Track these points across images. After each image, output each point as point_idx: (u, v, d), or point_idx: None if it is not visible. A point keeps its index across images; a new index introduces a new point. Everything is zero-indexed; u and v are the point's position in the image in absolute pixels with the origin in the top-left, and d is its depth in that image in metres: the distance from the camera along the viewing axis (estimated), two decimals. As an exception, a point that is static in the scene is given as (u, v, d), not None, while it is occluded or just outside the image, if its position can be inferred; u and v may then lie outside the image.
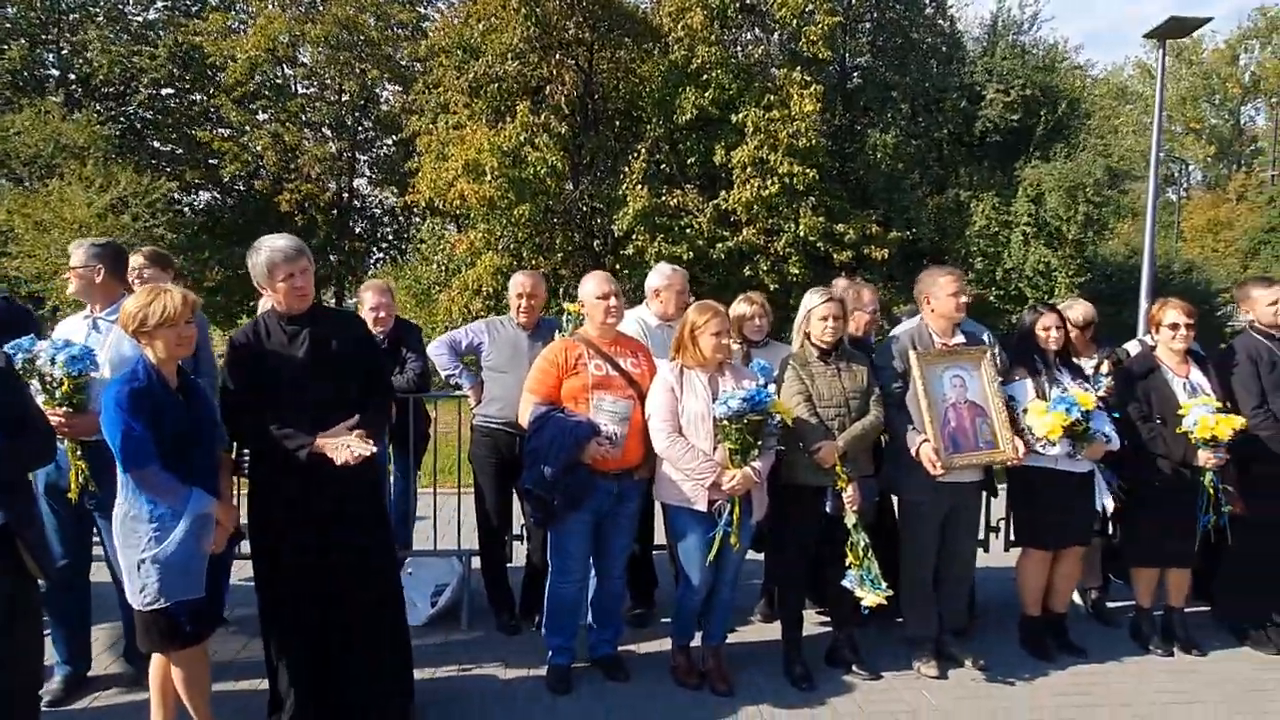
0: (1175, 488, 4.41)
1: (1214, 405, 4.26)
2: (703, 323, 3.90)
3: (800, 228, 15.17)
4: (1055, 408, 4.15)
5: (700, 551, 3.92)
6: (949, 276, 4.31)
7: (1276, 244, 29.40)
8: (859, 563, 3.99)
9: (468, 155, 14.41)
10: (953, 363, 4.27)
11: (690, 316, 3.97)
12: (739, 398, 3.73)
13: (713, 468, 3.83)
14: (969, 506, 4.33)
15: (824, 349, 4.16)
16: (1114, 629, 4.93)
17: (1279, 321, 4.61)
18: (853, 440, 4.00)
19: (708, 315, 3.91)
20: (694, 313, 3.97)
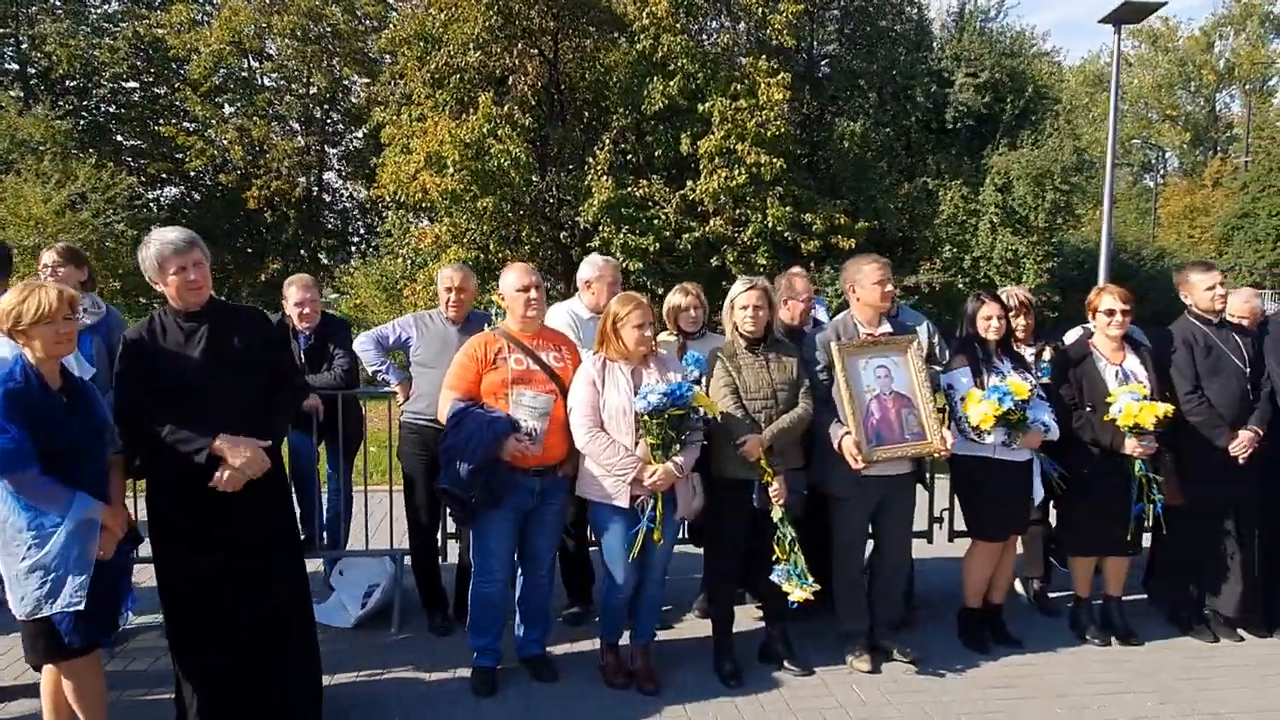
0: (1107, 476, 4.36)
1: (1140, 392, 4.21)
2: (625, 314, 3.81)
3: (768, 218, 15.09)
4: (989, 397, 4.08)
5: (623, 548, 3.84)
6: (874, 265, 4.23)
7: (1249, 229, 29.57)
8: (786, 557, 3.91)
9: (430, 147, 14.22)
10: (877, 353, 4.20)
11: (612, 308, 3.87)
12: (659, 392, 3.65)
13: (634, 463, 3.74)
14: (900, 499, 4.25)
15: (751, 339, 4.07)
16: (1055, 619, 4.89)
17: (1215, 307, 4.56)
18: (779, 433, 3.92)
19: (630, 307, 3.82)
20: (616, 304, 3.88)
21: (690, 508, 3.98)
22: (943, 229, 16.69)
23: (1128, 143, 45.66)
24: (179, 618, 3.32)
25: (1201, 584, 4.56)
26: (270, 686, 3.36)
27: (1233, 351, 4.53)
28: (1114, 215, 19.47)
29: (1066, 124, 17.16)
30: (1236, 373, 4.50)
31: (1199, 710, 3.84)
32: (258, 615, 3.32)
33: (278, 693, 3.37)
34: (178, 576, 3.31)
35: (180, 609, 3.31)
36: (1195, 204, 39.80)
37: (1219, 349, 4.51)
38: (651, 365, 3.91)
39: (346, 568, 4.97)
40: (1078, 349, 4.53)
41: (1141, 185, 46.88)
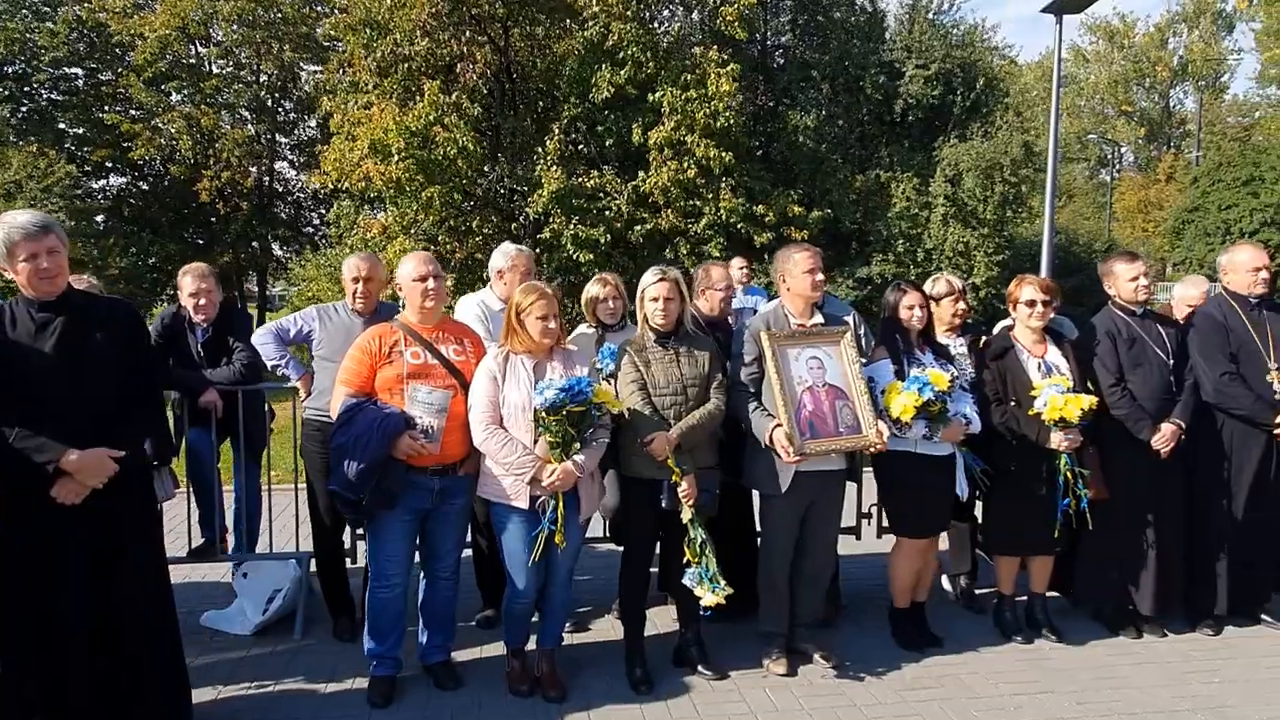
0: (1031, 471, 4.27)
1: (1064, 385, 4.12)
2: (528, 304, 3.64)
3: (720, 210, 14.95)
4: (909, 388, 3.96)
5: (523, 551, 3.67)
6: (804, 254, 4.09)
7: (1199, 223, 29.99)
8: (697, 560, 3.76)
9: (374, 135, 13.90)
10: (809, 344, 4.06)
11: (515, 298, 3.70)
12: (556, 387, 3.47)
13: (532, 462, 3.57)
14: (831, 497, 4.12)
15: (661, 333, 3.91)
16: (982, 616, 4.80)
17: (1139, 298, 4.48)
18: (688, 431, 3.76)
19: (533, 297, 3.64)
20: (520, 294, 3.70)
21: (595, 508, 3.82)
22: (895, 222, 16.69)
23: (1084, 138, 46.29)
24: (18, 624, 3.06)
25: (1123, 581, 4.47)
26: (110, 700, 3.13)
27: (1155, 343, 4.45)
28: (1071, 209, 19.59)
29: (1016, 117, 17.25)
30: (1159, 364, 4.43)
31: (1115, 711, 3.76)
32: (108, 628, 3.09)
33: (133, 709, 3.14)
34: (18, 579, 3.06)
35: (21, 615, 3.06)
36: (1149, 198, 40.40)
37: (1142, 340, 4.44)
38: (557, 359, 3.73)
39: (251, 571, 4.75)
40: (1000, 341, 4.43)
41: (1098, 180, 47.49)
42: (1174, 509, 4.44)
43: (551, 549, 3.67)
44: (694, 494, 3.75)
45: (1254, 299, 4.56)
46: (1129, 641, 4.46)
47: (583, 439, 3.59)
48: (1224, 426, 4.47)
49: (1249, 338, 4.50)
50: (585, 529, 3.91)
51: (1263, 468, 4.45)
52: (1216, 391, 4.41)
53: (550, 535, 3.61)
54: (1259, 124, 39.21)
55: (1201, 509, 4.51)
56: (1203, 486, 4.52)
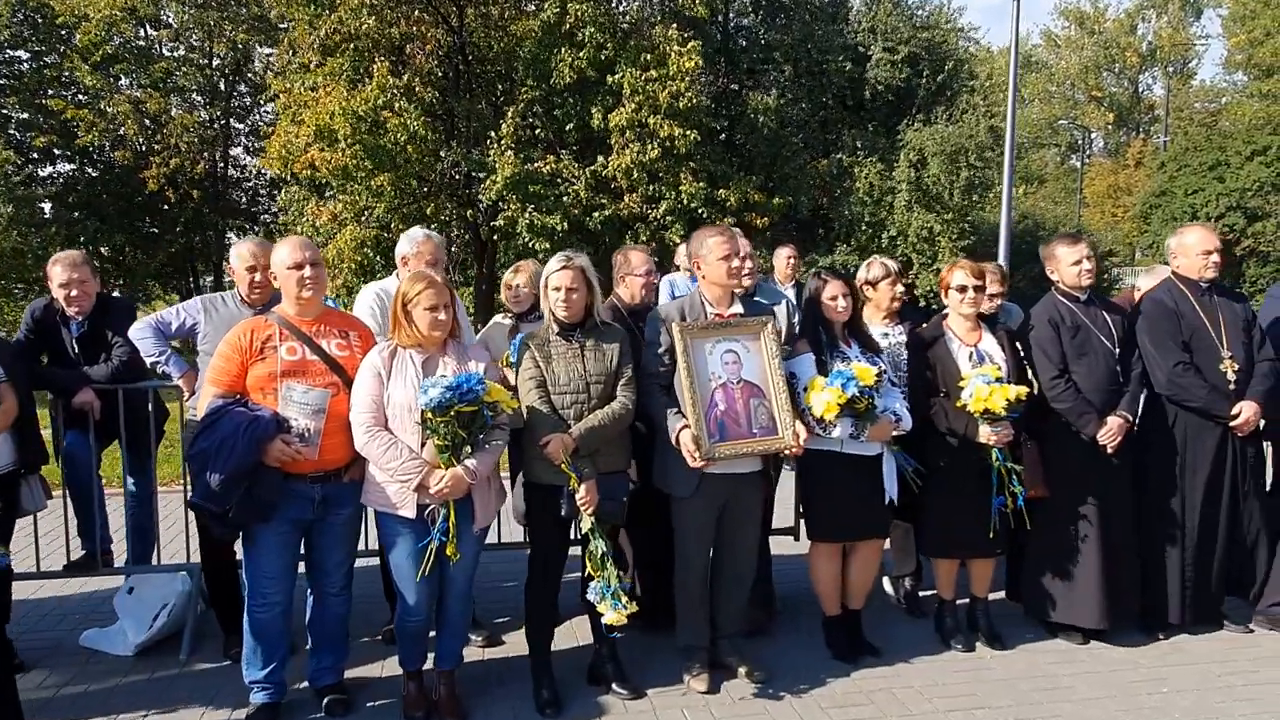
0: (964, 469, 4.00)
1: (992, 375, 3.84)
2: (415, 294, 3.30)
3: (681, 195, 14.64)
4: (831, 384, 3.67)
5: (412, 565, 3.34)
6: (719, 238, 3.77)
7: (1166, 208, 30.05)
8: (598, 573, 3.46)
9: (320, 120, 13.44)
10: (726, 336, 3.75)
11: (402, 287, 3.36)
12: (442, 385, 3.14)
13: (419, 467, 3.24)
14: (747, 498, 3.81)
15: (565, 324, 3.59)
16: (924, 621, 4.53)
17: (1082, 282, 4.21)
18: (587, 433, 3.45)
19: (421, 285, 3.31)
20: (406, 283, 3.36)
21: (493, 516, 3.50)
22: (858, 208, 16.45)
23: (1055, 123, 46.44)
24: None
25: (1066, 589, 4.20)
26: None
27: (1101, 331, 4.19)
28: (1041, 195, 19.36)
29: (983, 100, 17.04)
30: (1105, 354, 4.17)
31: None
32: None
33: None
34: None
35: None
36: (1118, 183, 40.60)
37: (1087, 328, 4.17)
38: (450, 354, 3.40)
39: (138, 585, 4.39)
40: (932, 329, 4.14)
41: (1069, 166, 47.67)
42: (1122, 509, 4.18)
43: (443, 562, 3.34)
44: (593, 501, 3.43)
45: (1204, 283, 4.31)
46: (1074, 648, 4.22)
47: (475, 442, 3.26)
48: (1176, 420, 4.22)
49: (1201, 324, 4.25)
50: (484, 537, 3.58)
51: (1217, 462, 4.21)
52: (1170, 383, 4.16)
53: (441, 547, 3.29)
54: (1225, 109, 39.50)
55: (1152, 508, 4.26)
56: (1154, 484, 4.27)
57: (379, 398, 3.28)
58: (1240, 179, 26.36)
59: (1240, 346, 4.25)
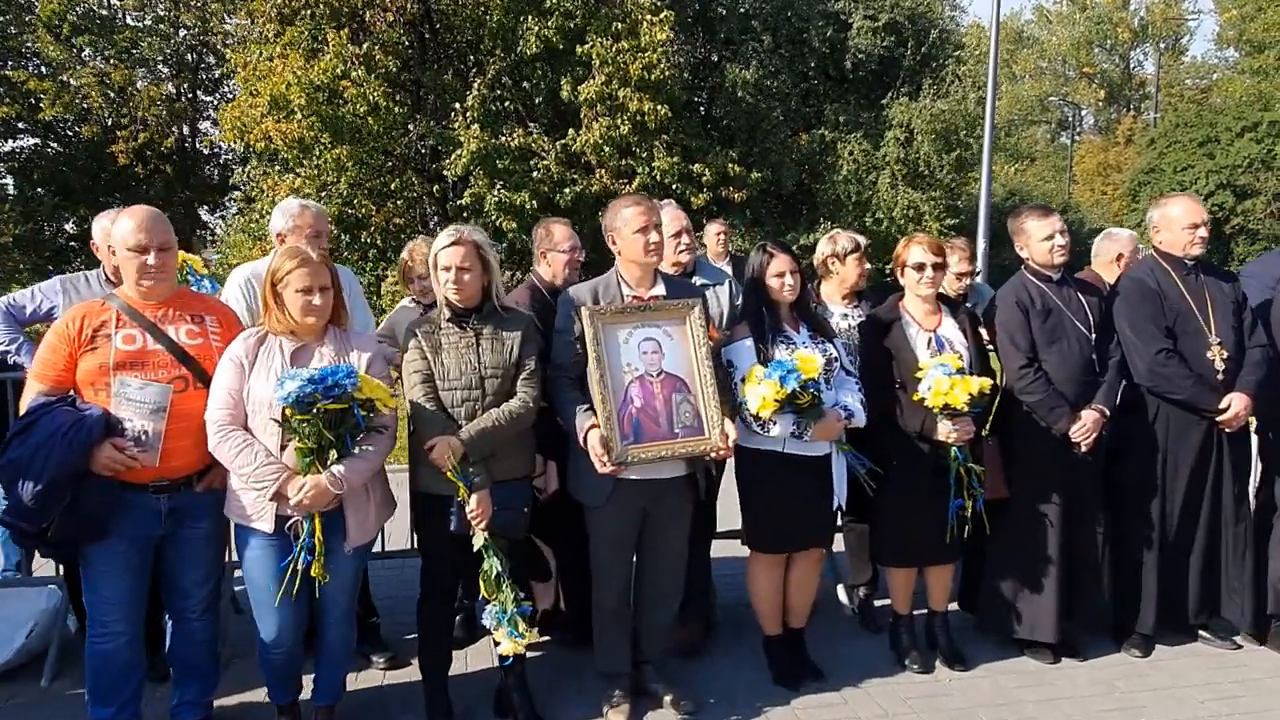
0: (921, 468, 3.55)
1: (953, 365, 3.39)
2: (286, 272, 2.83)
3: (655, 170, 14.11)
4: (768, 376, 3.20)
5: (270, 586, 2.88)
6: (635, 209, 3.28)
7: (1155, 185, 29.63)
8: (493, 596, 3.00)
9: (275, 90, 12.84)
10: (645, 321, 3.27)
11: (272, 264, 2.88)
12: (301, 378, 2.67)
13: (275, 473, 2.77)
14: (671, 505, 3.34)
15: (458, 309, 3.12)
16: (879, 636, 4.09)
17: (1055, 260, 3.76)
18: (479, 435, 2.98)
19: (293, 263, 2.83)
20: (277, 259, 2.89)
21: (373, 532, 3.03)
22: (842, 185, 15.93)
23: (1045, 100, 45.95)
24: None
25: (1025, 597, 3.77)
26: None
27: (1076, 314, 3.74)
28: (1031, 173, 18.83)
29: (970, 72, 16.50)
30: (1080, 339, 3.72)
31: (1015, 766, 3.08)
32: None
33: None
34: None
35: None
36: (1108, 161, 40.21)
37: (1059, 311, 3.72)
38: (328, 343, 2.93)
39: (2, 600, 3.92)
40: (887, 312, 3.67)
41: (1059, 143, 47.25)
42: (1091, 512, 3.75)
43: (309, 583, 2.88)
44: (486, 514, 2.98)
45: (1190, 261, 3.86)
46: (1043, 668, 3.79)
47: (344, 446, 2.79)
48: (1158, 413, 3.78)
49: (1186, 307, 3.81)
50: (366, 555, 3.11)
51: (1201, 461, 3.77)
52: (1151, 373, 3.72)
53: (306, 567, 2.82)
54: (1216, 85, 39.10)
55: (1129, 511, 3.83)
56: (1131, 485, 3.84)
57: (238, 392, 2.82)
58: (1230, 155, 25.97)
59: (1229, 331, 3.81)
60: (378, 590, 4.13)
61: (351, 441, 2.80)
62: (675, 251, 3.94)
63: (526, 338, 3.18)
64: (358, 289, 3.90)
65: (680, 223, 3.98)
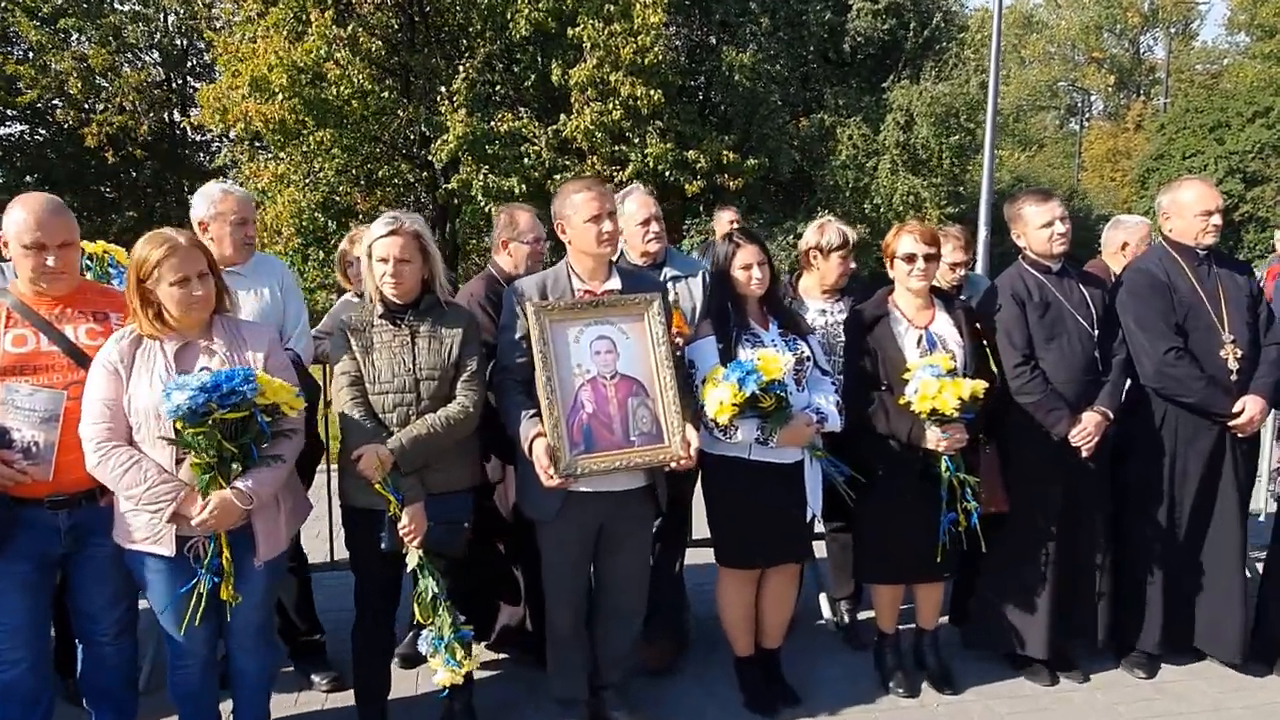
0: (908, 478, 3.25)
1: (943, 365, 3.08)
2: (155, 262, 2.50)
3: (648, 156, 13.76)
4: (727, 378, 2.90)
5: (175, 614, 2.59)
6: (586, 194, 2.96)
7: (1164, 171, 29.20)
8: (429, 620, 2.72)
9: (256, 71, 12.50)
10: (598, 318, 2.96)
11: (136, 254, 2.56)
12: (190, 387, 2.37)
13: (171, 492, 2.48)
14: (629, 518, 3.04)
15: (393, 305, 2.83)
16: (864, 654, 3.80)
17: (1054, 249, 3.44)
18: (411, 444, 2.69)
19: (160, 250, 2.51)
20: (141, 246, 2.56)
21: (284, 545, 2.73)
22: (841, 172, 15.56)
23: (1054, 85, 45.50)
24: None
25: (1022, 614, 3.48)
26: None
27: (1078, 308, 3.43)
28: (1040, 159, 18.37)
29: (973, 55, 16.09)
30: (1081, 335, 3.41)
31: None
32: None
33: None
34: None
35: None
36: (1117, 147, 39.80)
37: (1059, 304, 3.41)
38: (219, 339, 2.62)
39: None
40: (874, 307, 3.36)
41: (1068, 129, 46.80)
42: (1092, 520, 3.46)
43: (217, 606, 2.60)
44: (420, 530, 2.69)
45: (1202, 250, 3.54)
46: (1038, 691, 3.50)
47: (248, 457, 2.50)
48: (1165, 417, 3.47)
49: (1198, 301, 3.49)
50: (280, 568, 2.81)
51: (1211, 468, 3.46)
52: (1159, 374, 3.40)
53: (214, 590, 2.54)
54: (1227, 70, 38.61)
55: (1133, 522, 3.52)
56: (1136, 491, 3.53)
57: (116, 402, 2.51)
58: (1240, 141, 25.55)
59: (1244, 328, 3.49)
60: (324, 604, 3.84)
61: (256, 449, 2.50)
62: (643, 240, 3.64)
63: (468, 337, 2.88)
64: (291, 280, 3.60)
65: (649, 209, 3.67)
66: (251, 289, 3.42)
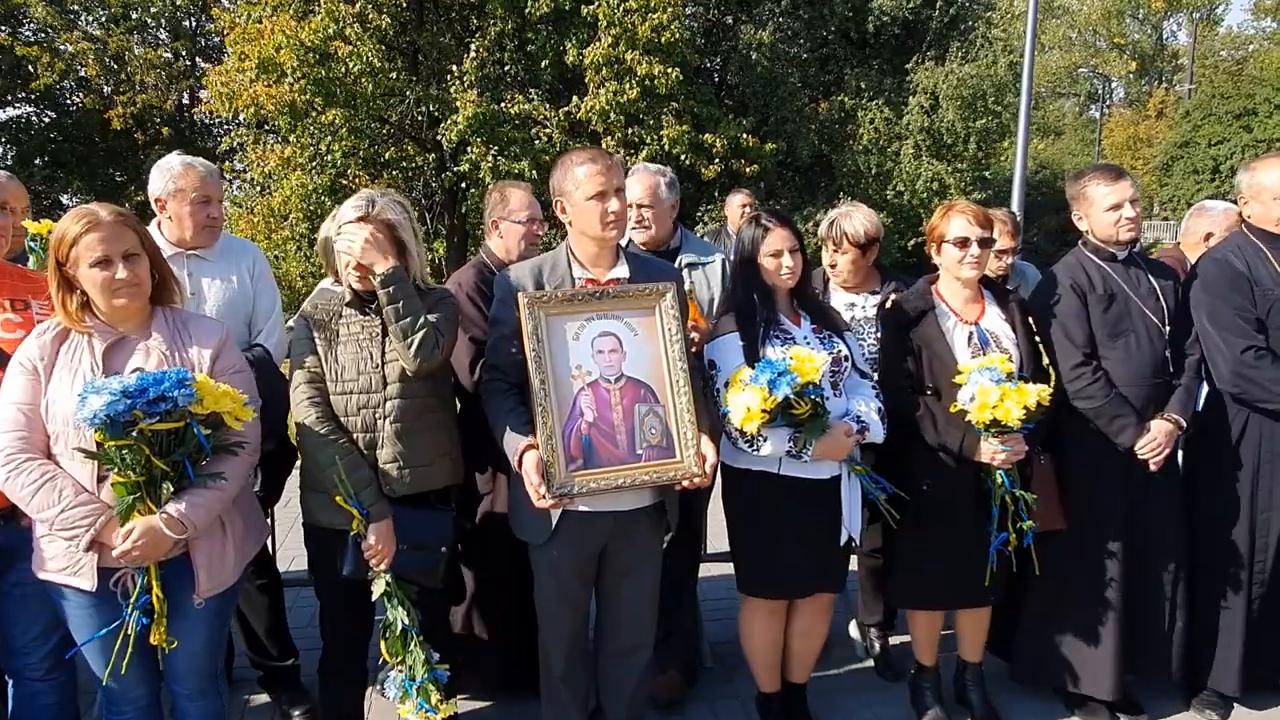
0: (956, 495, 2.85)
1: (1001, 368, 2.66)
2: (72, 240, 2.12)
3: (663, 139, 13.33)
4: (755, 380, 2.51)
5: (100, 653, 2.22)
6: (589, 166, 2.54)
7: (1188, 159, 28.49)
8: (395, 659, 2.34)
9: (264, 52, 12.14)
10: (601, 312, 2.55)
11: (56, 229, 2.17)
12: (111, 391, 1.99)
13: (89, 516, 2.10)
14: (635, 542, 2.63)
15: (362, 293, 2.44)
16: (897, 685, 3.42)
17: (1121, 235, 3.01)
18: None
19: (80, 226, 2.12)
20: (61, 224, 2.17)
21: (231, 577, 2.35)
22: (862, 157, 15.06)
23: (1075, 71, 44.77)
24: None
25: (1080, 646, 3.07)
26: None
27: (1147, 302, 3.00)
28: (1059, 147, 17.80)
29: (1001, 35, 15.51)
30: (1151, 332, 2.99)
31: None
32: None
33: None
34: None
35: None
36: (1139, 134, 39.12)
37: (1125, 297, 2.99)
38: (156, 334, 2.24)
39: None
40: (915, 300, 2.95)
41: (1088, 116, 46.03)
42: (1164, 546, 3.04)
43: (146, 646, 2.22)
44: (387, 552, 2.31)
45: (1288, 237, 3.11)
46: (1100, 734, 3.11)
47: (180, 475, 2.12)
48: (1246, 426, 3.04)
49: (1281, 295, 3.05)
50: (228, 603, 2.43)
51: (1296, 485, 3.04)
52: (1237, 375, 2.97)
53: (143, 630, 2.16)
54: (1253, 56, 37.76)
55: (1207, 544, 3.11)
56: (1210, 512, 3.11)
57: (33, 407, 2.13)
58: (1268, 129, 24.86)
59: (1333, 323, 3.06)
60: (299, 623, 3.48)
61: (193, 468, 2.11)
62: (638, 224, 3.24)
63: (447, 321, 2.48)
64: (264, 266, 3.22)
65: (639, 195, 3.26)
66: (218, 276, 3.07)
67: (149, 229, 2.98)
